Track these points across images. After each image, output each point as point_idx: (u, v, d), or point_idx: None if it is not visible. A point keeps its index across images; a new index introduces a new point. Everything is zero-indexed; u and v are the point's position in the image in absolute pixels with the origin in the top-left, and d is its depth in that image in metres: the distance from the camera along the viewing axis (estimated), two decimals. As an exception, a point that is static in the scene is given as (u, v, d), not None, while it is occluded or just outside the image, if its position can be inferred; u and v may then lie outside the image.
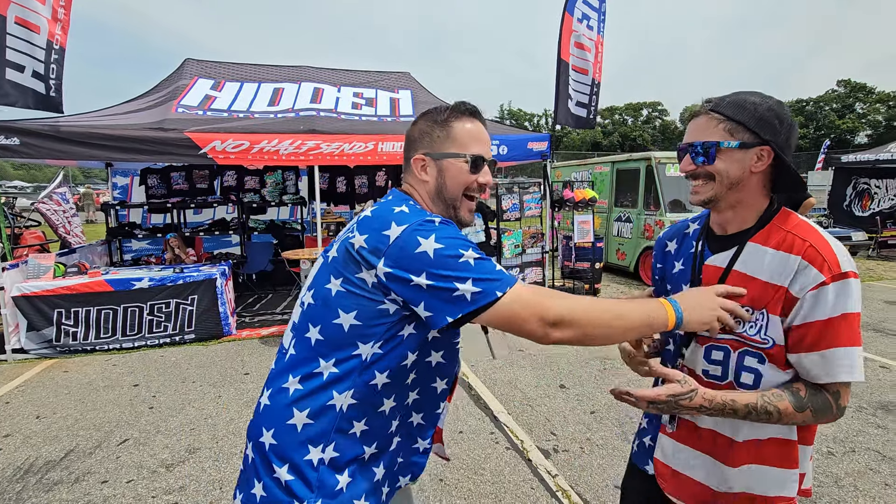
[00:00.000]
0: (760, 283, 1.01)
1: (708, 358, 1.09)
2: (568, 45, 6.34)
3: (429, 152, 1.07)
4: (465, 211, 1.11)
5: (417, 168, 1.08)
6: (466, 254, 0.91)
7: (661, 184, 7.58)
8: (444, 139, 1.07)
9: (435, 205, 1.09)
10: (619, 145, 55.63)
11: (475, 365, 4.41)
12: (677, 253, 1.23)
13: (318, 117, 5.75)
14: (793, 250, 0.98)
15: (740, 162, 1.01)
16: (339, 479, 0.98)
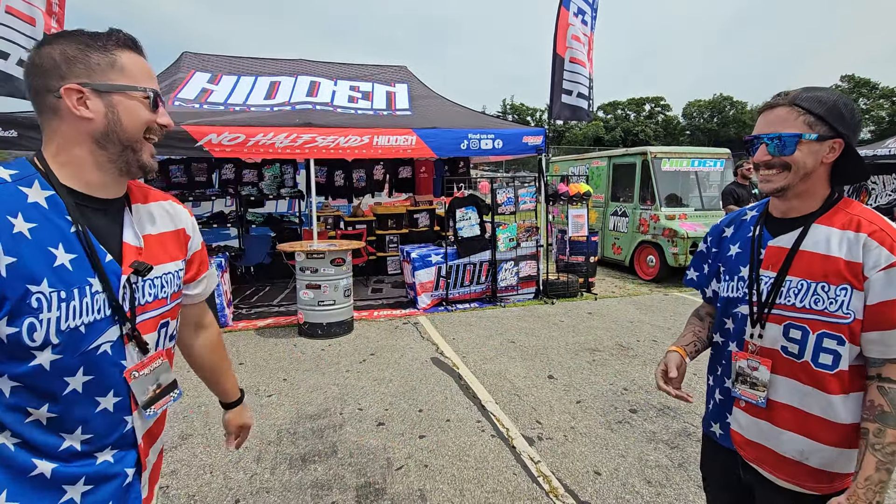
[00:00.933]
0: (836, 260, 1.05)
1: (787, 336, 1.13)
2: (564, 39, 6.35)
3: (88, 83, 0.84)
4: (147, 154, 0.93)
5: (72, 101, 0.83)
6: None
7: (657, 178, 7.61)
8: (109, 69, 0.86)
9: (103, 149, 0.87)
10: (622, 140, 55.40)
11: (466, 356, 4.47)
12: (733, 237, 1.28)
13: (314, 111, 5.78)
14: (861, 230, 1.04)
15: (815, 153, 1.07)
16: None
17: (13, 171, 0.82)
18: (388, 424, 3.26)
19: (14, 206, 0.78)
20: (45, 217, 0.80)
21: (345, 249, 5.01)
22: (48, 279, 0.78)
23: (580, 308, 6.12)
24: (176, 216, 1.07)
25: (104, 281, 0.85)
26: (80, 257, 0.83)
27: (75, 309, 0.81)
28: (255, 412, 3.41)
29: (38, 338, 0.77)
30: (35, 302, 0.77)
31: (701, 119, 59.23)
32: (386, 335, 5.12)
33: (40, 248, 0.78)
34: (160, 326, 0.99)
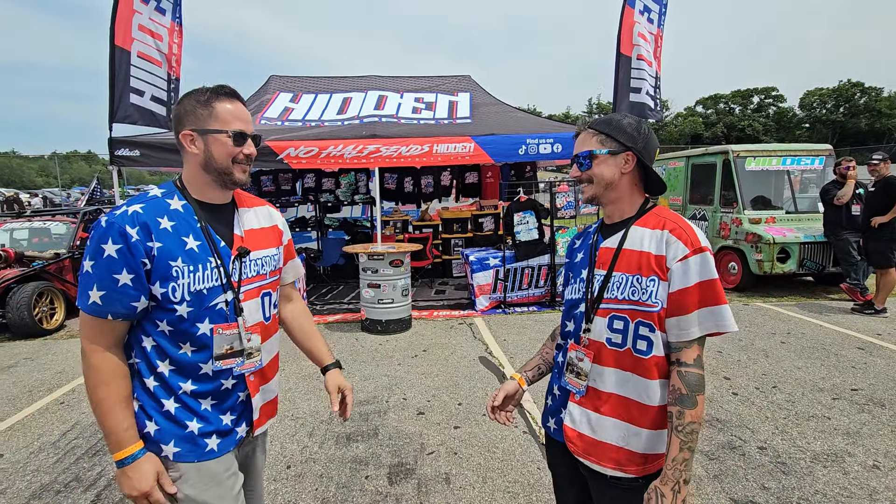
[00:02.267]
0: (647, 254, 1.21)
1: (611, 327, 1.25)
2: (630, 38, 6.18)
3: (195, 128, 1.22)
4: (238, 174, 1.26)
5: (186, 142, 1.23)
6: (86, 263, 1.14)
7: (740, 179, 7.05)
8: (208, 118, 1.21)
9: (207, 172, 1.24)
10: (725, 137, 50.87)
11: (513, 357, 4.57)
12: (580, 246, 1.42)
13: (379, 123, 6.24)
14: (665, 228, 1.21)
15: (612, 166, 1.26)
16: None
17: (163, 189, 1.25)
18: (428, 414, 3.49)
19: (161, 212, 1.18)
20: (181, 218, 1.21)
21: (403, 251, 5.35)
22: (182, 257, 1.17)
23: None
24: (272, 216, 1.46)
25: (219, 259, 1.22)
26: (203, 244, 1.21)
27: (199, 278, 1.19)
28: (313, 395, 3.83)
29: (177, 296, 1.17)
30: (175, 272, 1.15)
31: (823, 109, 52.47)
32: (441, 334, 5.36)
33: (177, 237, 1.17)
34: (262, 295, 1.34)
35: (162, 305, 1.17)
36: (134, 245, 1.11)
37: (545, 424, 1.44)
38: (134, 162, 5.27)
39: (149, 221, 1.15)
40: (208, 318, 1.21)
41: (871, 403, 3.45)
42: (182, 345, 1.20)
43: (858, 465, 2.72)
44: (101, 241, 1.11)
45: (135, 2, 5.20)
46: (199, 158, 1.23)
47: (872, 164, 5.68)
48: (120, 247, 1.11)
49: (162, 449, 1.20)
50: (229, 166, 1.23)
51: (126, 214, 1.14)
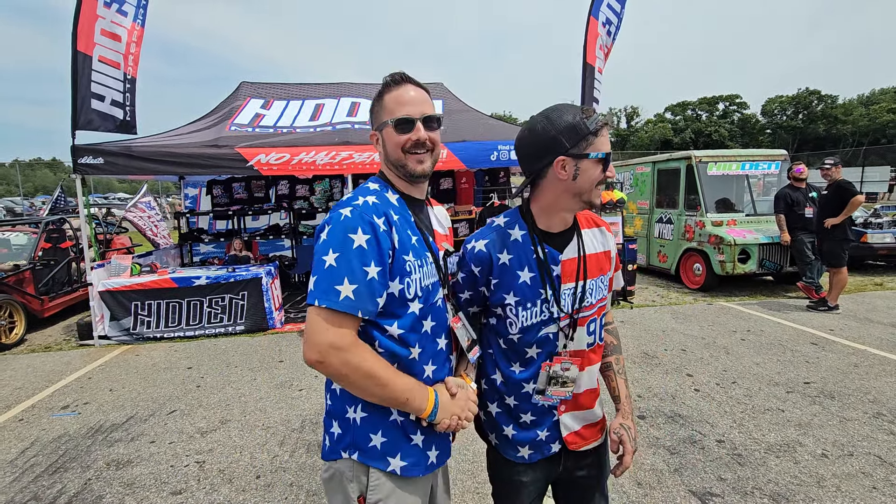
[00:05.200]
0: (603, 254, 1.33)
1: (588, 331, 1.28)
2: (594, 48, 6.38)
3: (374, 126, 1.24)
4: (413, 164, 1.19)
5: (374, 143, 1.26)
6: (327, 257, 1.04)
7: (703, 183, 7.32)
8: (380, 111, 1.21)
9: (391, 168, 1.23)
10: (693, 142, 52.51)
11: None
12: (517, 262, 1.23)
13: (352, 129, 6.25)
14: (600, 225, 1.38)
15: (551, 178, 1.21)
16: None
17: (376, 184, 1.22)
18: (400, 419, 3.50)
19: (388, 205, 1.15)
20: (399, 211, 1.17)
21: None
22: (412, 251, 1.13)
23: (613, 317, 6.03)
24: (448, 220, 1.44)
25: (433, 254, 1.20)
26: (419, 239, 1.18)
27: (425, 273, 1.16)
28: (285, 404, 3.80)
29: (412, 292, 1.12)
30: (408, 267, 1.11)
31: (783, 116, 54.76)
32: (415, 339, 5.38)
33: (404, 231, 1.14)
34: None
35: (399, 303, 1.11)
36: (382, 236, 1.06)
37: (515, 456, 1.30)
38: (98, 170, 5.15)
39: (388, 213, 1.11)
40: (430, 315, 1.17)
41: (822, 396, 3.63)
42: (411, 348, 1.14)
43: (808, 454, 2.87)
44: (348, 230, 1.04)
45: (98, 7, 5.10)
46: (382, 156, 1.24)
47: (825, 168, 5.98)
48: (369, 237, 1.05)
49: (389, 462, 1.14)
50: (401, 157, 1.18)
51: (368, 205, 1.10)
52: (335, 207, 1.11)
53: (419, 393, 1.11)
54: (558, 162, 1.14)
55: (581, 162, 1.13)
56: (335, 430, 1.16)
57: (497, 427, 1.32)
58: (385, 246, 1.07)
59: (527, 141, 1.19)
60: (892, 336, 4.91)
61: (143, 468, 2.97)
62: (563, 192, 1.18)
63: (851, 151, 34.09)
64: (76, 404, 3.96)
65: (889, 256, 8.16)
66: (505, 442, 1.32)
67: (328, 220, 1.09)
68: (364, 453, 1.13)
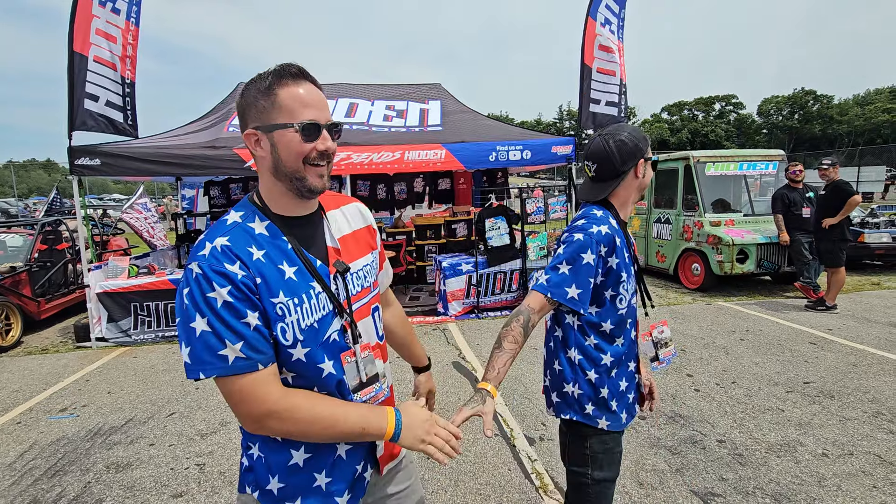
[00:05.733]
0: None
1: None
2: (591, 49, 6.39)
3: (259, 125, 0.99)
4: (313, 178, 1.01)
5: (251, 144, 1.02)
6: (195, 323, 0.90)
7: (701, 184, 7.34)
8: (271, 110, 0.97)
9: (279, 180, 1.02)
10: (689, 142, 52.71)
11: (486, 361, 4.61)
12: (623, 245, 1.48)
13: (350, 130, 6.24)
14: None
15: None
16: None
17: (240, 212, 1.03)
18: (401, 421, 3.50)
19: (249, 240, 0.97)
20: (269, 243, 0.99)
21: (375, 258, 5.35)
22: (283, 291, 0.96)
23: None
24: (363, 216, 1.23)
25: (321, 282, 1.02)
26: (300, 268, 1.00)
27: (307, 311, 0.99)
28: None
29: (289, 338, 0.97)
30: (279, 310, 0.95)
31: (779, 116, 55.04)
32: (414, 340, 5.37)
33: (273, 267, 0.96)
34: (373, 311, 1.16)
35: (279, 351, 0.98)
36: (242, 282, 0.92)
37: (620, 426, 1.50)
38: (94, 171, 5.12)
39: (242, 254, 0.94)
40: (327, 353, 1.03)
41: (822, 395, 3.64)
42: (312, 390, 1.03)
43: (809, 453, 2.87)
44: (205, 290, 0.90)
45: (93, 6, 5.08)
46: (268, 163, 1.00)
47: (822, 169, 6.01)
48: (230, 288, 0.90)
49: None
50: (300, 169, 0.99)
51: (217, 251, 0.93)
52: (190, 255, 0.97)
53: (374, 417, 1.02)
54: (641, 164, 1.47)
55: (648, 164, 1.50)
56: (244, 460, 1.09)
57: (606, 407, 1.49)
58: (249, 290, 0.93)
59: (619, 150, 1.45)
60: (891, 335, 4.93)
61: (142, 471, 2.95)
62: (635, 189, 1.52)
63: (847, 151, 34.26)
64: (74, 407, 3.94)
65: (886, 256, 8.21)
66: (614, 418, 1.49)
67: (183, 277, 0.94)
68: (263, 495, 1.04)
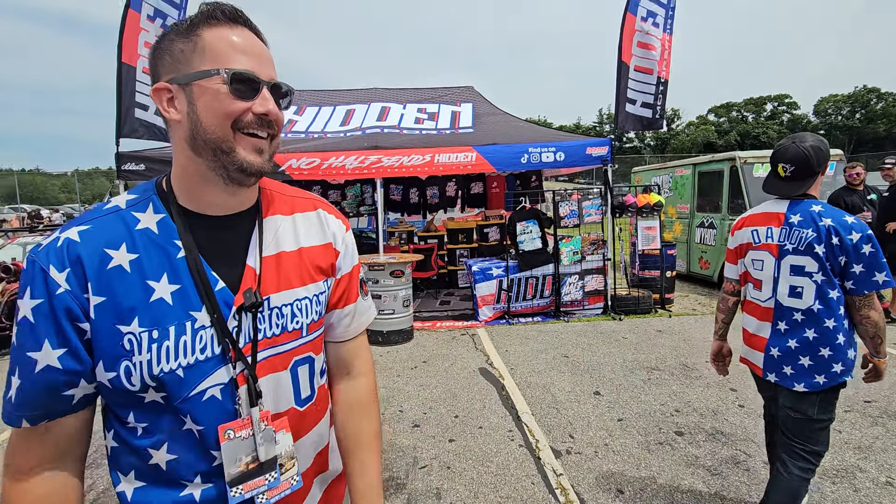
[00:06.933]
0: None
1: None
2: (630, 46, 6.16)
3: (173, 77, 0.71)
4: (245, 151, 0.72)
5: (163, 103, 0.72)
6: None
7: (748, 186, 6.92)
8: (192, 54, 0.70)
9: (198, 153, 0.72)
10: (738, 144, 50.27)
11: (514, 368, 4.49)
12: None
13: (381, 134, 6.27)
14: None
15: None
16: None
17: (132, 195, 0.76)
18: (423, 427, 3.43)
19: (117, 237, 0.70)
20: (152, 244, 0.71)
21: (403, 262, 5.33)
22: (139, 317, 0.68)
23: (649, 325, 5.77)
24: (325, 227, 0.90)
25: (214, 313, 0.72)
26: (183, 288, 0.71)
27: (168, 350, 0.69)
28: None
29: (135, 382, 0.69)
30: (127, 343, 0.68)
31: (839, 116, 51.71)
32: (442, 345, 5.31)
33: (137, 282, 0.69)
34: (294, 364, 0.82)
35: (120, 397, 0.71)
36: (60, 299, 0.66)
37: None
38: (140, 176, 5.36)
39: (86, 257, 0.68)
40: (194, 414, 0.72)
41: (885, 416, 3.30)
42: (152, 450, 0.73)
43: (870, 481, 2.59)
44: (21, 293, 0.68)
45: (141, 20, 5.34)
46: (184, 129, 0.71)
47: (885, 168, 5.53)
48: (40, 302, 0.66)
49: None
50: (227, 137, 0.70)
51: (55, 246, 0.68)
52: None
53: None
54: (826, 165, 1.87)
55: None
56: None
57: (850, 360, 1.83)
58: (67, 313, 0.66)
59: (816, 154, 1.83)
60: (968, 352, 4.44)
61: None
62: (819, 185, 1.91)
63: (916, 152, 31.71)
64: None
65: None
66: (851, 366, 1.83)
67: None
68: None
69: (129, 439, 0.74)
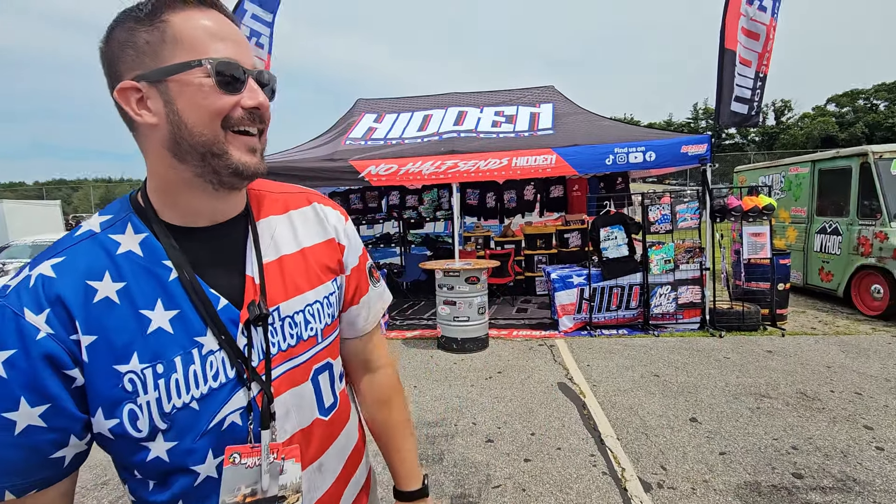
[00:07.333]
0: None
1: None
2: (735, 31, 5.52)
3: (140, 73, 0.61)
4: (239, 152, 0.64)
5: (132, 104, 0.61)
6: None
7: (884, 185, 5.90)
8: (160, 44, 0.60)
9: (183, 162, 0.63)
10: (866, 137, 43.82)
11: (596, 385, 4.16)
12: None
13: (458, 138, 6.22)
14: None
15: None
16: None
17: (107, 216, 0.67)
18: (497, 442, 3.26)
19: (99, 266, 0.62)
20: (139, 269, 0.64)
21: (478, 268, 5.20)
22: (138, 353, 0.61)
23: (757, 344, 5.09)
24: (325, 221, 0.82)
25: (221, 334, 0.66)
26: (182, 312, 0.64)
27: (178, 383, 0.63)
28: (383, 412, 3.79)
29: (142, 426, 0.61)
30: (128, 384, 0.60)
31: None
32: (518, 355, 5.09)
33: (129, 314, 0.62)
34: (314, 373, 0.77)
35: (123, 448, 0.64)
36: (40, 345, 0.57)
37: None
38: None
39: (67, 294, 0.60)
40: (212, 447, 0.66)
41: None
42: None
43: None
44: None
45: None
46: (162, 134, 0.62)
47: None
48: (12, 353, 0.56)
49: None
50: (217, 138, 0.63)
51: (26, 286, 0.59)
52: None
53: None
54: None
55: None
56: None
57: None
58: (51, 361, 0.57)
59: None
60: None
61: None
62: None
63: None
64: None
65: None
66: None
67: None
68: None
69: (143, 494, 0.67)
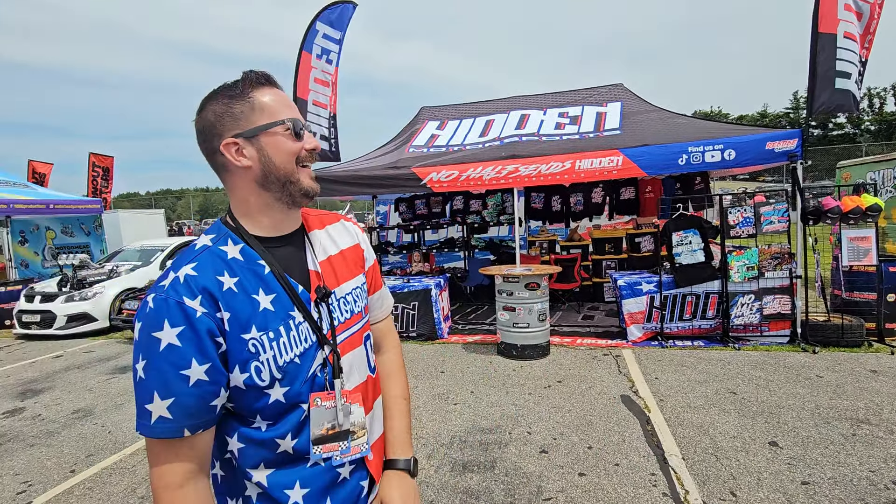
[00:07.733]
0: None
1: None
2: (834, 11, 4.96)
3: (239, 132, 0.89)
4: (306, 180, 0.94)
5: (232, 153, 0.90)
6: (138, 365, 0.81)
7: None
8: (251, 113, 0.90)
9: (268, 191, 0.93)
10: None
11: (664, 400, 3.91)
12: None
13: (519, 142, 6.15)
14: None
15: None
16: None
17: (211, 235, 0.94)
18: (551, 454, 3.18)
19: (220, 267, 0.87)
20: (243, 268, 0.89)
21: (539, 274, 5.11)
22: (255, 325, 0.86)
23: (859, 362, 4.50)
24: (350, 233, 1.12)
25: (303, 310, 0.93)
26: (278, 296, 0.91)
27: (285, 345, 0.88)
28: (439, 416, 3.84)
29: (265, 378, 0.86)
30: (252, 347, 0.85)
31: None
32: (580, 364, 4.92)
33: (245, 298, 0.87)
34: (365, 340, 1.06)
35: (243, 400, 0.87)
36: (200, 321, 0.81)
37: None
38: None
39: (209, 285, 0.85)
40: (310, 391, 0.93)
41: None
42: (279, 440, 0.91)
43: None
44: (151, 328, 0.80)
45: (312, 59, 6.18)
46: (255, 172, 0.91)
47: None
48: (182, 329, 0.80)
49: None
50: (294, 171, 0.92)
51: (178, 282, 0.83)
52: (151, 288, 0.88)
53: None
54: None
55: None
56: None
57: None
58: (208, 332, 0.82)
59: None
60: None
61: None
62: None
63: None
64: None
65: None
66: None
67: (137, 311, 0.85)
68: None
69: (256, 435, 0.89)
